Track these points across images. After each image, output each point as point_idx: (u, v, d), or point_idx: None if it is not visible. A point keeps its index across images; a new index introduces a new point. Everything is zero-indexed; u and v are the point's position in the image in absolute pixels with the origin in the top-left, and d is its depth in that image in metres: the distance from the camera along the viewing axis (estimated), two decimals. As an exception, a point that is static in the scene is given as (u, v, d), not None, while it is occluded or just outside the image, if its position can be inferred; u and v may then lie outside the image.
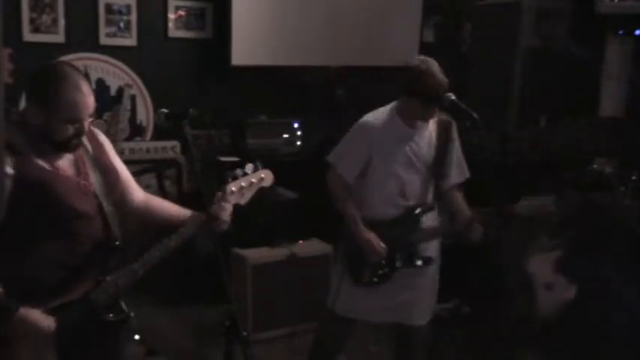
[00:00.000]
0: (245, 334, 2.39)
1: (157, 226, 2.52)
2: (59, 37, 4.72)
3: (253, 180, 2.48)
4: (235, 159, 4.99)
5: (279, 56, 5.28)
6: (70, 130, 2.25)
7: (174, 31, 5.12)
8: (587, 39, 5.46)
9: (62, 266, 2.28)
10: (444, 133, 3.12)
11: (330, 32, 5.39)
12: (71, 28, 4.75)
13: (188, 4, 5.14)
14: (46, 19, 4.67)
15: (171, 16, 5.10)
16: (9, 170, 2.14)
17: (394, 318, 3.23)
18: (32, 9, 4.61)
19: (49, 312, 2.22)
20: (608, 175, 4.56)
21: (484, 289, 3.78)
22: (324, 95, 5.57)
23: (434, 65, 2.94)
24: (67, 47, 4.72)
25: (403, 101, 3.04)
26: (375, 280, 3.12)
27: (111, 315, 2.33)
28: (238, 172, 2.47)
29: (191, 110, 2.57)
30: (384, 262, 3.10)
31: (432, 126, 3.12)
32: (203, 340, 4.19)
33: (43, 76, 2.26)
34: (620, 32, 5.75)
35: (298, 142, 5.28)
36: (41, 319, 2.19)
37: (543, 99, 4.65)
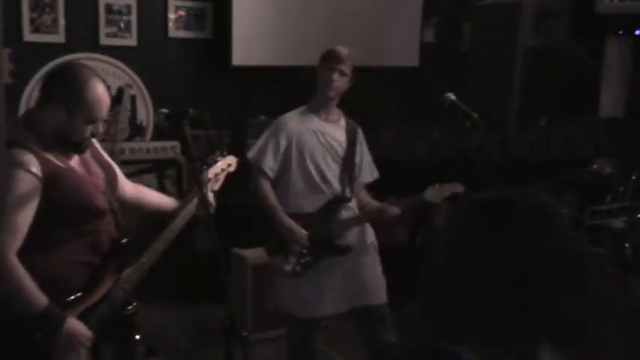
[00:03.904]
0: (245, 334, 2.40)
1: (147, 213, 2.68)
2: (59, 37, 4.71)
3: (223, 167, 2.67)
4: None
5: (279, 56, 5.27)
6: (88, 130, 2.26)
7: (174, 31, 5.12)
8: (587, 39, 5.46)
9: (87, 265, 2.31)
10: (351, 134, 3.30)
11: (331, 32, 5.38)
12: (71, 28, 4.75)
13: (188, 4, 5.14)
14: (46, 19, 4.66)
15: (172, 16, 5.09)
16: (38, 173, 2.15)
17: (352, 303, 3.25)
18: (32, 9, 4.60)
19: (79, 318, 2.23)
20: (608, 175, 4.57)
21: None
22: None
23: None
24: (67, 47, 4.71)
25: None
26: (298, 269, 3.19)
27: (129, 308, 2.39)
28: (211, 159, 2.64)
29: (191, 110, 2.58)
30: (305, 251, 3.17)
31: (342, 124, 3.31)
32: (203, 340, 4.19)
33: (65, 76, 2.25)
34: (620, 32, 5.75)
35: (298, 142, 5.28)
36: (85, 330, 2.20)
37: (543, 99, 4.66)
